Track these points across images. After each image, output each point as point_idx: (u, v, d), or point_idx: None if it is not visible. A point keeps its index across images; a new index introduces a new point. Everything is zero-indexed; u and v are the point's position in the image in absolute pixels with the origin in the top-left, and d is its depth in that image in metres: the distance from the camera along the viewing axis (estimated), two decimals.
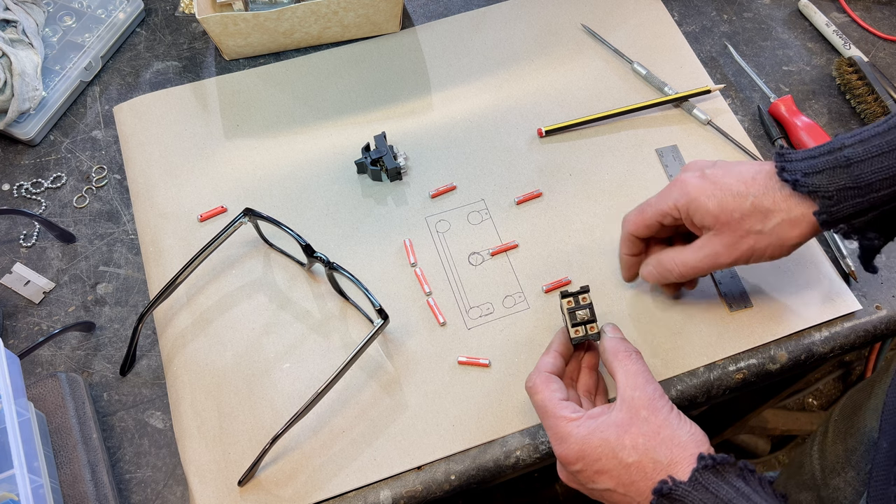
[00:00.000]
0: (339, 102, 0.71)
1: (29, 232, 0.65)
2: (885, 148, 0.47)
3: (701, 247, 0.53)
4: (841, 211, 0.48)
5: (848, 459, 0.66)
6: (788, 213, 0.49)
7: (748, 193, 0.50)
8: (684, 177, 0.53)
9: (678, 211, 0.52)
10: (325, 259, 0.58)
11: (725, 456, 0.45)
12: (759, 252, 0.51)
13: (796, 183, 0.48)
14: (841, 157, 0.48)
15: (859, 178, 0.47)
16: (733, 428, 1.10)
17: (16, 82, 0.65)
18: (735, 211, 0.50)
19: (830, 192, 0.48)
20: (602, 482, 0.47)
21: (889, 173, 0.47)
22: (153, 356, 0.60)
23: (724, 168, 0.52)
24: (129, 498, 0.55)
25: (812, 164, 0.49)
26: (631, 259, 0.58)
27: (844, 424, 0.69)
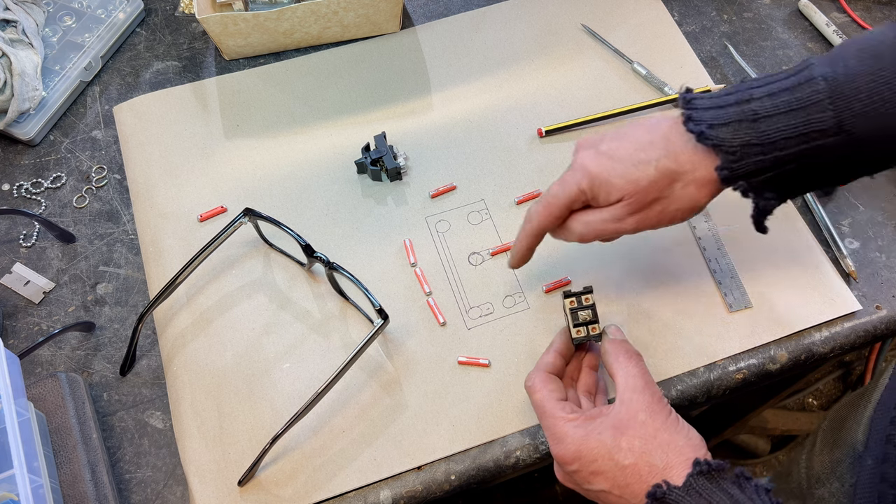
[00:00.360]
0: (339, 102, 0.71)
1: (29, 232, 0.65)
2: (794, 105, 0.45)
3: (609, 214, 0.51)
4: (742, 167, 0.47)
5: (833, 471, 0.66)
6: (694, 173, 0.48)
7: (650, 159, 0.48)
8: (581, 158, 0.51)
9: (584, 194, 0.50)
10: (325, 259, 0.58)
11: (721, 462, 0.45)
12: (667, 215, 0.50)
13: (701, 135, 0.47)
14: (748, 111, 0.46)
15: (764, 135, 0.46)
16: (733, 428, 1.10)
17: (16, 82, 0.65)
18: (641, 180, 0.48)
19: (734, 146, 0.46)
20: (597, 483, 0.47)
21: (794, 132, 0.45)
22: (153, 356, 0.60)
23: (619, 138, 0.50)
24: (129, 498, 0.55)
25: (719, 114, 0.47)
26: (528, 250, 0.55)
27: (832, 435, 0.69)
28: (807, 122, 0.45)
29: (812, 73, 0.45)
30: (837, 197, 0.67)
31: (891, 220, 0.65)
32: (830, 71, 0.45)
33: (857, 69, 0.44)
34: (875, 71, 0.44)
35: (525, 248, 0.55)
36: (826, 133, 0.45)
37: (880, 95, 0.43)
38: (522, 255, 0.56)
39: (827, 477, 0.66)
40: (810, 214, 0.66)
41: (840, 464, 0.65)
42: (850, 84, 0.44)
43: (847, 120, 0.44)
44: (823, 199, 0.66)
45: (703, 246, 0.63)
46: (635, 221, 0.50)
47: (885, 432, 0.52)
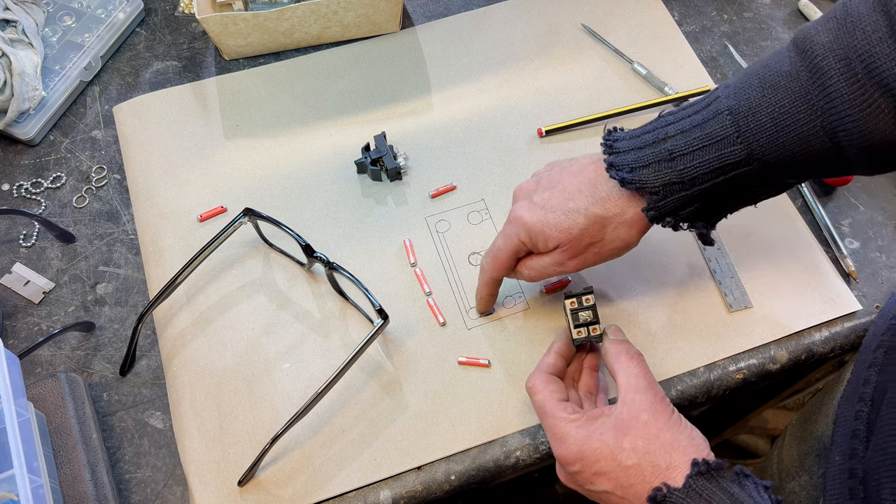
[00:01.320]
0: (339, 102, 0.71)
1: (29, 232, 0.65)
2: (706, 141, 0.47)
3: (551, 259, 0.53)
4: (668, 205, 0.49)
5: (802, 464, 0.66)
6: (622, 216, 0.50)
7: (579, 208, 0.51)
8: (517, 211, 0.53)
9: (525, 244, 0.53)
10: (325, 259, 0.58)
11: (720, 461, 0.45)
12: (604, 255, 0.53)
13: (623, 181, 0.49)
14: (664, 151, 0.48)
15: (683, 173, 0.47)
16: (733, 428, 1.10)
17: (15, 82, 0.65)
18: (573, 228, 0.51)
19: (657, 187, 0.48)
20: (600, 484, 0.47)
21: (711, 167, 0.47)
22: (153, 356, 0.60)
23: (551, 187, 0.52)
24: (128, 498, 0.55)
25: (639, 156, 0.48)
26: (490, 297, 0.59)
27: (799, 429, 0.69)
28: (720, 157, 0.47)
29: (719, 108, 0.47)
30: (837, 197, 0.67)
31: (891, 220, 0.65)
32: (735, 104, 0.46)
33: (759, 101, 0.46)
34: (775, 102, 0.45)
35: (486, 296, 0.58)
36: (740, 164, 0.47)
37: (784, 125, 0.45)
38: (485, 302, 0.59)
39: (796, 470, 0.67)
40: (810, 214, 0.66)
41: (807, 456, 0.65)
42: (755, 116, 0.46)
43: (757, 150, 0.46)
44: (823, 199, 0.66)
45: (704, 246, 0.63)
46: (575, 264, 0.53)
47: (850, 427, 0.52)
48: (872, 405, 0.52)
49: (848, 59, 0.43)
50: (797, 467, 0.67)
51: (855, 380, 0.55)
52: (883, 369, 0.53)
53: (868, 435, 0.50)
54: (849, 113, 0.44)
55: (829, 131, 0.45)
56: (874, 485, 0.47)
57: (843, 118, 0.44)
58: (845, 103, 0.43)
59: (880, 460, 0.47)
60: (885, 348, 0.54)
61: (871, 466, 0.48)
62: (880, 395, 0.51)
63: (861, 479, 0.49)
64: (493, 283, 0.57)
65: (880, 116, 0.43)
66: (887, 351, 0.53)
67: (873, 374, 0.53)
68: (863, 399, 0.53)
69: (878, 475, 0.47)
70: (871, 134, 0.44)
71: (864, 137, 0.44)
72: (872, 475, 0.48)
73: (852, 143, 0.45)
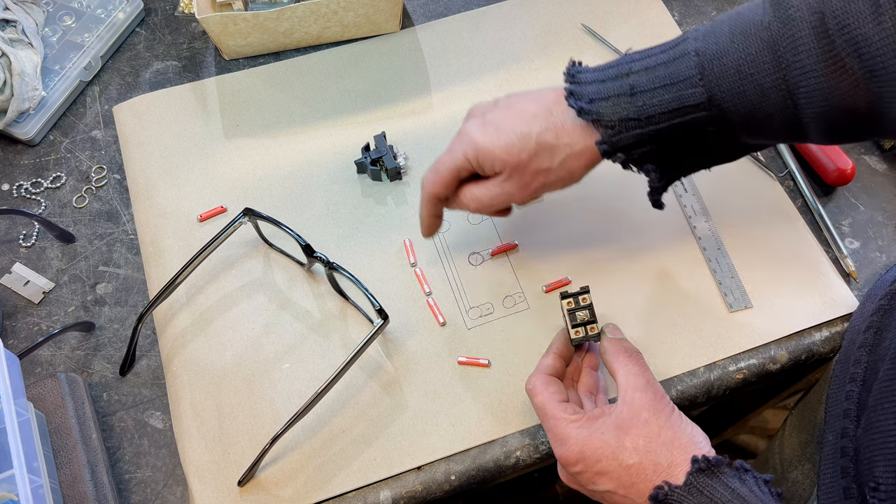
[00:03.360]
0: (339, 102, 0.71)
1: (28, 232, 0.65)
2: (668, 80, 0.47)
3: (495, 186, 0.52)
4: (622, 141, 0.48)
5: (803, 452, 0.66)
6: (572, 147, 0.49)
7: (531, 133, 0.49)
8: (467, 126, 0.52)
9: (469, 163, 0.52)
10: (325, 259, 0.58)
11: (720, 457, 0.45)
12: (549, 185, 0.52)
13: (581, 110, 0.48)
14: (626, 85, 0.47)
15: (641, 110, 0.47)
16: (733, 428, 1.10)
17: (15, 82, 0.65)
18: (522, 153, 0.50)
19: (613, 121, 0.48)
20: (602, 484, 0.47)
21: (669, 107, 0.46)
22: (153, 356, 0.60)
23: (506, 108, 0.51)
24: (128, 498, 0.55)
25: (600, 88, 0.48)
26: (433, 219, 0.57)
27: (798, 417, 0.69)
28: (679, 98, 0.46)
29: (686, 49, 0.47)
30: (837, 197, 0.67)
31: (891, 220, 0.65)
32: (702, 46, 0.46)
33: (727, 46, 0.45)
34: (743, 49, 0.45)
35: (427, 216, 0.56)
36: (699, 107, 0.46)
37: (747, 73, 0.45)
38: (427, 224, 0.57)
39: (798, 459, 0.67)
40: (810, 214, 0.66)
41: (808, 445, 0.65)
42: (720, 61, 0.45)
43: (717, 96, 0.46)
44: (823, 199, 0.66)
45: (703, 246, 0.63)
46: (519, 193, 0.52)
47: (841, 407, 0.52)
48: (863, 385, 0.52)
49: (822, 13, 0.43)
50: (798, 456, 0.67)
51: (844, 360, 0.55)
52: (873, 349, 0.53)
53: (858, 414, 0.51)
54: (813, 68, 0.43)
55: (790, 86, 0.44)
56: (866, 462, 0.47)
57: (806, 73, 0.44)
58: (811, 58, 0.43)
59: (873, 439, 0.47)
60: (875, 329, 0.54)
61: (863, 445, 0.48)
62: (871, 376, 0.51)
63: (852, 458, 0.49)
64: (433, 202, 0.55)
65: (844, 76, 0.43)
66: (877, 331, 0.53)
67: (864, 355, 0.53)
68: (854, 379, 0.53)
69: (870, 453, 0.47)
70: (832, 95, 0.43)
71: (824, 98, 0.44)
72: (864, 453, 0.48)
73: (811, 103, 0.44)
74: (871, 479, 0.46)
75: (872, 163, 0.68)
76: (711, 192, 0.66)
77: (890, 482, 0.44)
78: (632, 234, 0.64)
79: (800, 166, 0.67)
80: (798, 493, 0.67)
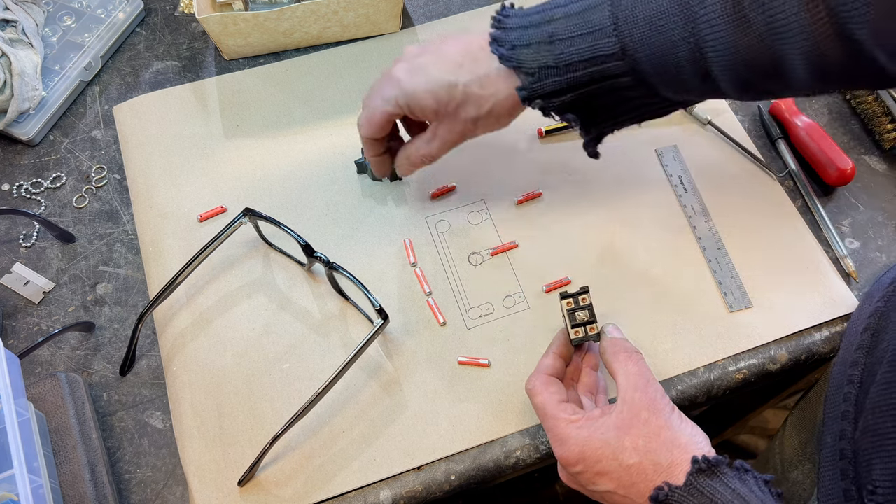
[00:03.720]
0: (339, 102, 0.71)
1: (29, 232, 0.65)
2: (584, 28, 0.47)
3: (431, 138, 0.55)
4: (541, 89, 0.49)
5: (803, 452, 0.66)
6: (496, 96, 0.50)
7: (458, 82, 0.50)
8: (396, 72, 0.53)
9: (399, 108, 0.53)
10: (325, 259, 0.58)
11: (720, 457, 0.45)
12: (480, 129, 0.53)
13: (502, 57, 0.49)
14: (546, 33, 0.48)
15: (559, 58, 0.48)
16: (733, 428, 1.10)
17: (15, 82, 0.65)
18: (450, 103, 0.51)
19: (533, 69, 0.48)
20: (603, 484, 0.47)
21: (585, 55, 0.47)
22: (153, 356, 0.60)
23: (435, 53, 0.52)
24: (128, 498, 0.55)
25: (522, 35, 0.49)
26: (378, 158, 0.59)
27: (799, 417, 0.69)
28: (594, 47, 0.47)
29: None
30: (837, 197, 0.67)
31: (891, 220, 0.65)
32: None
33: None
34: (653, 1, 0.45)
35: (370, 157, 0.59)
36: (612, 57, 0.47)
37: (657, 25, 0.45)
38: (376, 164, 0.60)
39: (798, 459, 0.67)
40: (810, 214, 0.66)
41: (808, 444, 0.66)
42: (632, 11, 0.46)
43: (629, 47, 0.46)
44: (823, 199, 0.66)
45: (703, 246, 0.63)
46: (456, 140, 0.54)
47: (839, 409, 0.52)
48: (861, 387, 0.52)
49: None
50: (799, 456, 0.67)
51: (842, 362, 0.55)
52: (871, 351, 0.53)
53: (856, 417, 0.51)
54: (718, 22, 0.44)
55: (698, 40, 0.45)
56: (864, 465, 0.47)
57: (713, 26, 0.44)
58: (717, 11, 0.44)
59: (871, 442, 0.47)
60: (873, 331, 0.54)
61: (861, 447, 0.48)
62: (869, 377, 0.51)
63: (851, 460, 0.49)
64: (371, 144, 0.57)
65: (748, 31, 0.43)
66: (874, 333, 0.53)
67: (861, 357, 0.53)
68: (851, 381, 0.53)
69: (868, 455, 0.47)
70: (738, 50, 0.44)
71: (730, 53, 0.44)
72: (862, 455, 0.48)
73: (719, 57, 0.45)
74: (868, 482, 0.46)
75: (872, 163, 0.68)
76: (711, 192, 0.66)
77: (887, 485, 0.44)
78: (632, 234, 0.64)
79: (800, 166, 0.67)
80: (798, 493, 0.67)
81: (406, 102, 0.52)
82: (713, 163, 0.68)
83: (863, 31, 0.40)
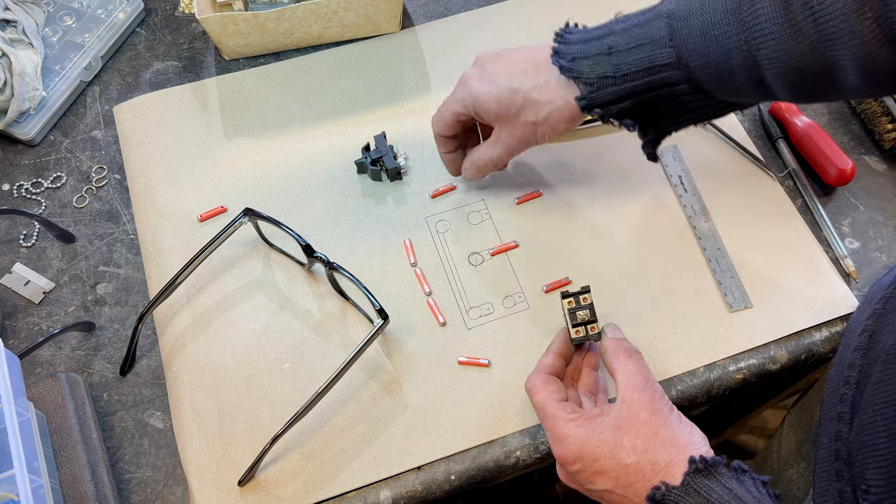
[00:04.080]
0: (339, 102, 0.71)
1: (29, 232, 0.65)
2: (642, 40, 0.50)
3: (494, 142, 0.58)
4: (600, 97, 0.51)
5: (799, 451, 0.67)
6: (554, 103, 0.53)
7: (521, 88, 0.54)
8: (468, 76, 0.57)
9: (467, 109, 0.57)
10: (325, 259, 0.58)
11: (718, 458, 0.45)
12: (539, 137, 0.56)
13: (562, 68, 0.52)
14: (605, 45, 0.51)
15: (618, 68, 0.50)
16: (733, 428, 1.10)
17: (16, 82, 0.65)
18: (511, 107, 0.54)
19: (592, 79, 0.51)
20: (600, 483, 0.47)
21: (642, 65, 0.49)
22: (153, 356, 0.60)
23: (503, 61, 0.56)
24: (129, 498, 0.55)
25: (583, 48, 0.51)
26: (449, 156, 0.63)
27: (797, 417, 0.70)
28: (651, 57, 0.49)
29: (660, 11, 0.50)
30: (837, 197, 0.67)
31: (891, 220, 0.65)
32: (674, 8, 0.49)
33: (696, 9, 0.48)
34: (709, 11, 0.47)
35: (443, 154, 0.63)
36: (669, 66, 0.49)
37: (711, 34, 0.47)
38: (446, 161, 0.63)
39: (794, 458, 0.67)
40: (810, 214, 0.66)
41: (804, 444, 0.66)
42: (687, 22, 0.48)
43: (685, 56, 0.48)
44: (823, 199, 0.66)
45: (703, 246, 0.63)
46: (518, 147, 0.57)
47: (835, 410, 0.53)
48: (857, 388, 0.52)
49: None
50: (795, 455, 0.67)
51: (840, 363, 0.55)
52: (867, 353, 0.53)
53: (852, 417, 0.51)
54: (771, 31, 0.45)
55: (752, 48, 0.46)
56: (858, 465, 0.47)
57: (765, 35, 0.45)
58: (770, 21, 0.45)
59: (864, 441, 0.47)
60: (870, 332, 0.54)
61: (855, 448, 0.48)
62: (865, 379, 0.51)
63: (846, 461, 0.49)
64: (442, 141, 0.61)
65: (801, 40, 0.44)
66: (872, 335, 0.54)
67: (858, 358, 0.53)
68: (847, 382, 0.53)
69: (862, 456, 0.47)
70: (791, 58, 0.45)
71: (783, 60, 0.46)
72: (857, 456, 0.48)
73: (772, 65, 0.46)
74: (862, 482, 0.46)
75: (872, 163, 0.68)
76: (711, 192, 0.66)
77: (880, 484, 0.45)
78: (632, 234, 0.64)
79: (800, 166, 0.67)
80: (793, 491, 0.67)
81: (473, 104, 0.56)
82: (713, 163, 0.68)
83: None
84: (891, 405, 0.46)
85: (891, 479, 0.44)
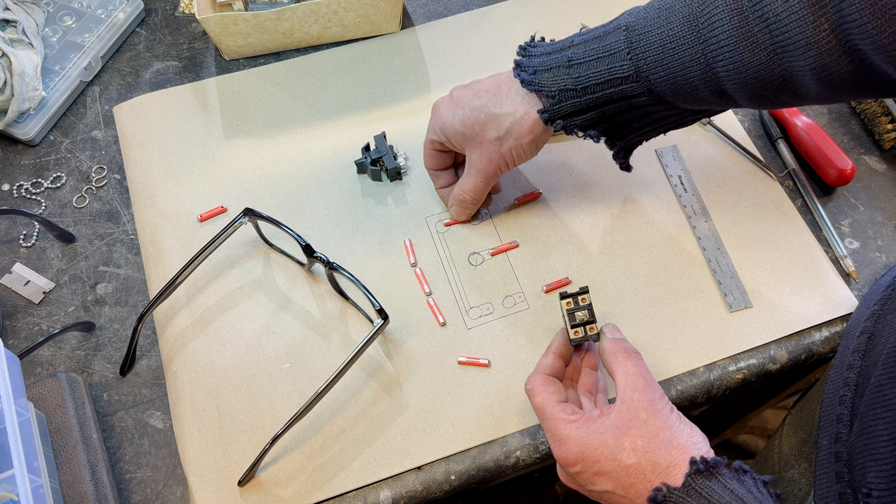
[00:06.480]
0: (339, 102, 0.71)
1: (29, 232, 0.65)
2: (601, 53, 0.50)
3: (468, 170, 0.58)
4: (562, 110, 0.51)
5: (800, 451, 0.67)
6: (514, 115, 0.53)
7: (484, 106, 0.54)
8: (437, 103, 0.58)
9: (439, 136, 0.57)
10: (325, 259, 0.58)
11: (718, 458, 0.45)
12: (506, 153, 0.55)
13: (524, 81, 0.52)
14: (565, 58, 0.51)
15: (578, 81, 0.50)
16: (733, 428, 1.10)
17: (16, 82, 0.65)
18: (475, 125, 0.54)
19: (553, 91, 0.51)
20: (601, 484, 0.47)
21: (602, 78, 0.49)
22: (153, 356, 0.60)
23: (471, 87, 0.56)
24: (129, 498, 0.55)
25: (544, 61, 0.52)
26: (443, 192, 0.63)
27: (797, 417, 0.70)
28: (610, 70, 0.49)
29: (619, 24, 0.50)
30: (837, 197, 0.67)
31: (891, 220, 0.65)
32: (633, 21, 0.49)
33: (653, 22, 0.48)
34: (665, 24, 0.48)
35: (438, 191, 0.64)
36: (629, 79, 0.49)
37: (669, 48, 0.47)
38: (443, 198, 0.64)
39: (795, 458, 0.67)
40: (810, 214, 0.66)
41: (805, 444, 0.66)
42: (646, 36, 0.48)
43: (643, 69, 0.49)
44: (823, 199, 0.66)
45: (703, 246, 0.63)
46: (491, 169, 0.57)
47: (835, 412, 0.53)
48: (856, 390, 0.52)
49: None
50: (796, 455, 0.67)
51: (839, 365, 0.55)
52: (866, 354, 0.53)
53: (851, 419, 0.51)
54: (727, 43, 0.45)
55: (709, 60, 0.46)
56: (859, 468, 0.47)
57: (721, 47, 0.46)
58: (725, 33, 0.45)
59: (865, 444, 0.47)
60: (869, 334, 0.54)
61: (855, 450, 0.48)
62: (864, 380, 0.51)
63: (846, 463, 0.49)
64: (434, 176, 0.62)
65: (756, 51, 0.45)
66: (870, 336, 0.54)
67: (857, 360, 0.53)
68: (847, 384, 0.53)
69: (862, 458, 0.47)
70: (748, 67, 0.46)
71: (740, 71, 0.46)
72: (857, 458, 0.48)
73: (730, 75, 0.46)
74: (863, 485, 0.46)
75: (872, 163, 0.68)
76: (711, 192, 0.66)
77: (882, 488, 0.44)
78: (632, 234, 0.64)
79: (800, 166, 0.67)
80: (794, 492, 0.67)
81: (441, 130, 0.57)
82: (713, 163, 0.68)
83: (867, 44, 0.41)
84: (892, 409, 0.46)
85: (893, 483, 0.44)
